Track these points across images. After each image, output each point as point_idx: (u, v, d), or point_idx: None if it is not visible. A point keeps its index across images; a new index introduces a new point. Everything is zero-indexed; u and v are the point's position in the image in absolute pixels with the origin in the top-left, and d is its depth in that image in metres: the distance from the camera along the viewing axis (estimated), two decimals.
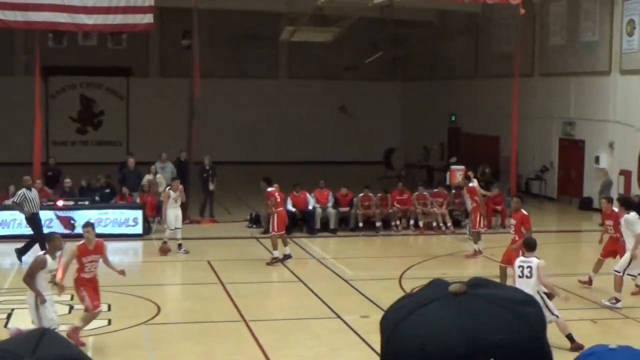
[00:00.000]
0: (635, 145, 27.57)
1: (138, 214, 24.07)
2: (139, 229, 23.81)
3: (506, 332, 1.45)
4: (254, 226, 25.39)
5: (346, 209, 25.53)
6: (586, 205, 29.42)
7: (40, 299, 12.51)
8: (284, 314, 15.64)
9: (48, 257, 12.72)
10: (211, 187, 26.61)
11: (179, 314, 16.32)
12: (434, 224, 25.49)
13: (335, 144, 44.50)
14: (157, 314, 15.63)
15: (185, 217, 25.77)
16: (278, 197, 20.91)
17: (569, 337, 13.24)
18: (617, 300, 16.04)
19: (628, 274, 16.61)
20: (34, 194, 20.86)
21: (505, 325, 1.46)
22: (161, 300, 16.83)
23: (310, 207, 24.92)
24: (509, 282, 14.68)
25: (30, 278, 12.57)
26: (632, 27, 27.87)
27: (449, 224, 25.40)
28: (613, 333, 14.42)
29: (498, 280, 15.69)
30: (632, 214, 16.39)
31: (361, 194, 25.46)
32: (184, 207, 22.57)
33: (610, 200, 18.34)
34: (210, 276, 19.07)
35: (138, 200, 25.19)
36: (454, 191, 26.60)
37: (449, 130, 41.06)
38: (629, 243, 16.33)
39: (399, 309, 1.55)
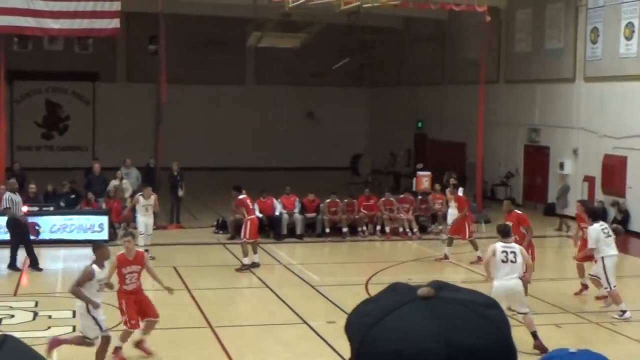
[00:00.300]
0: (599, 152, 27.87)
1: (104, 219, 23.92)
2: (104, 235, 23.63)
3: (479, 335, 1.47)
4: (221, 232, 25.33)
5: (313, 214, 25.56)
6: (551, 210, 29.67)
7: (92, 305, 12.30)
8: (250, 320, 15.63)
9: (95, 267, 12.40)
10: (180, 193, 26.54)
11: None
12: (401, 229, 25.59)
13: (302, 150, 44.51)
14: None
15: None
16: (250, 204, 20.94)
17: (534, 334, 13.38)
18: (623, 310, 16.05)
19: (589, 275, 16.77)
20: (18, 198, 20.70)
21: (477, 328, 1.47)
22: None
23: (277, 213, 24.92)
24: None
25: (77, 288, 12.33)
26: (596, 35, 28.19)
27: (415, 229, 25.52)
28: (576, 337, 14.54)
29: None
30: (596, 226, 16.29)
31: (328, 200, 25.50)
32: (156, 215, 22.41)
33: (584, 204, 18.44)
34: (176, 282, 18.95)
35: (104, 206, 25.04)
36: (420, 197, 26.74)
37: (415, 136, 41.24)
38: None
39: (366, 314, 1.54)
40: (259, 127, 44.44)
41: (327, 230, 25.29)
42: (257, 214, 23.88)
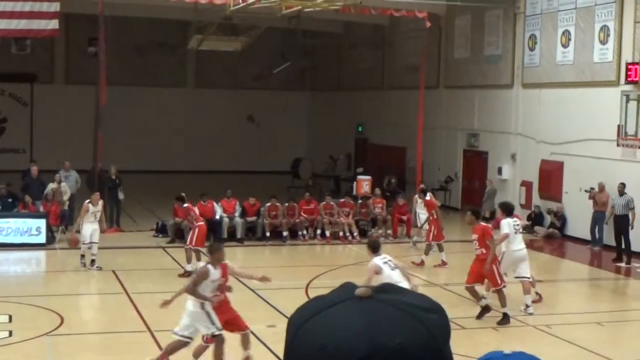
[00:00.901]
0: (537, 157, 28.31)
1: (41, 222, 23.58)
2: (42, 238, 23.33)
3: (405, 336, 1.49)
4: (160, 236, 25.15)
5: (253, 218, 25.53)
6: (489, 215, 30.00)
7: (209, 301, 12.22)
8: None
9: (210, 267, 12.26)
10: (121, 196, 26.33)
11: (82, 325, 16.04)
12: (341, 233, 25.67)
13: (243, 154, 44.44)
14: (60, 325, 15.33)
15: None
16: (197, 210, 20.92)
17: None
18: (527, 306, 16.47)
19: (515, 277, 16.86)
20: None
21: (405, 330, 1.50)
22: (64, 310, 16.49)
23: (217, 217, 24.82)
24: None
25: (193, 287, 12.23)
26: (533, 42, 28.64)
27: (355, 233, 25.62)
28: (513, 340, 14.74)
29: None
30: (508, 220, 16.54)
31: (268, 204, 25.49)
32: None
33: (474, 213, 16.95)
34: (115, 286, 18.81)
35: (41, 209, 24.69)
36: (360, 201, 26.88)
37: (356, 140, 41.44)
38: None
39: (305, 310, 1.57)
40: (200, 130, 44.25)
41: (268, 234, 25.28)
42: None
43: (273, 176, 38.26)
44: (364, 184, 28.49)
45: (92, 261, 20.67)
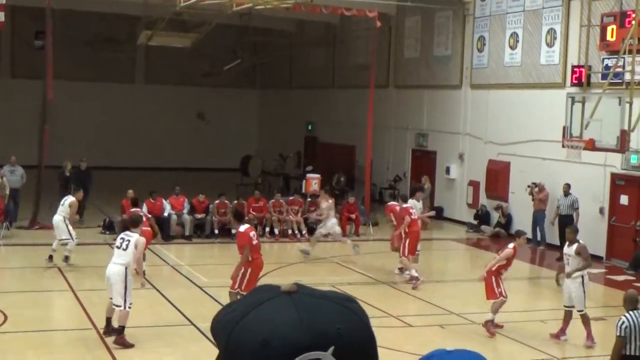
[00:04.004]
0: (484, 157, 28.60)
1: None
2: None
3: (341, 322, 1.55)
4: (107, 232, 24.93)
5: (202, 215, 25.44)
6: (437, 214, 30.24)
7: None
8: (137, 321, 15.38)
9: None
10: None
11: (27, 322, 15.81)
12: (290, 231, 25.70)
13: (192, 151, 44.22)
14: (3, 322, 15.16)
15: (35, 222, 25.14)
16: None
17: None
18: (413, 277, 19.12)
19: None
20: None
21: (339, 316, 1.56)
22: (8, 308, 16.27)
23: (165, 214, 24.70)
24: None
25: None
26: (482, 43, 28.92)
27: (304, 231, 25.67)
28: (458, 337, 14.89)
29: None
30: (413, 200, 20.52)
31: (217, 201, 25.43)
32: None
33: (403, 198, 21.06)
34: (60, 283, 18.63)
35: None
36: (309, 199, 26.92)
37: (305, 138, 41.47)
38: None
39: (233, 311, 1.59)
40: (149, 126, 43.96)
41: (216, 231, 25.22)
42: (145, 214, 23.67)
43: (222, 173, 38.12)
44: (313, 182, 28.53)
45: (66, 257, 20.36)
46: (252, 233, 15.32)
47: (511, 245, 15.86)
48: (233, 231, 25.06)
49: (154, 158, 42.49)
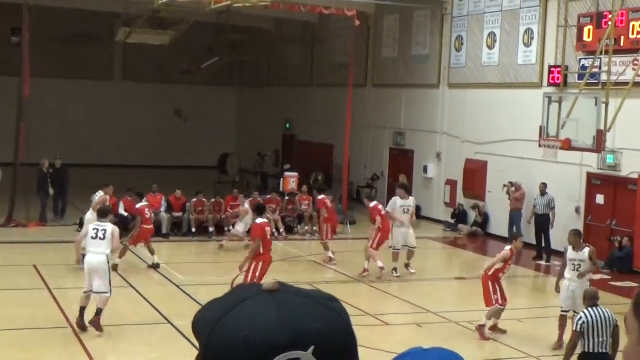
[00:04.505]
0: (461, 156, 28.71)
1: None
2: None
3: (322, 321, 1.57)
4: None
5: (179, 213, 25.39)
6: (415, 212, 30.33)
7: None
8: (113, 319, 15.35)
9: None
10: (51, 192, 26.00)
11: (2, 321, 15.73)
12: None
13: (170, 148, 44.11)
14: None
15: (11, 220, 25.02)
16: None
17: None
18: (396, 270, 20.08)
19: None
20: None
21: (320, 315, 1.58)
22: None
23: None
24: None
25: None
26: (460, 43, 29.03)
27: (282, 230, 25.67)
28: (435, 336, 14.95)
29: None
30: (396, 199, 21.13)
31: (194, 199, 25.37)
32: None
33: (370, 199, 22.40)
34: (36, 281, 18.53)
35: None
36: (287, 198, 26.91)
37: (283, 137, 41.47)
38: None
39: (215, 308, 1.61)
40: (127, 123, 43.81)
41: (194, 229, 25.17)
42: (122, 212, 23.60)
43: (200, 171, 38.06)
44: (291, 180, 28.53)
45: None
46: (267, 229, 16.16)
47: (508, 247, 15.69)
48: (210, 229, 25.12)
49: (131, 155, 42.33)
